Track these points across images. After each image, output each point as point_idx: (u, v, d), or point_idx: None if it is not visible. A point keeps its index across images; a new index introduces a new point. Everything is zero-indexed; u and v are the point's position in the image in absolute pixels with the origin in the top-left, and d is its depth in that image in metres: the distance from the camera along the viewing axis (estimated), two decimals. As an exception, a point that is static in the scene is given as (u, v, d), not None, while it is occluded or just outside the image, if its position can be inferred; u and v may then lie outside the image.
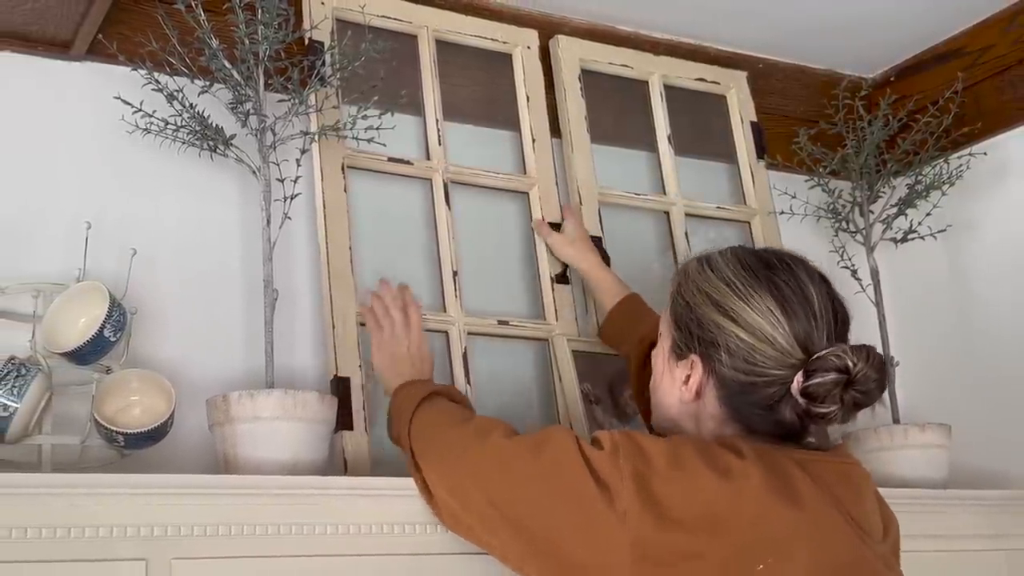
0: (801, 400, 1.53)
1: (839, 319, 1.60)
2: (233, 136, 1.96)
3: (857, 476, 1.64)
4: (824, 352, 1.53)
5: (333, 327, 2.03)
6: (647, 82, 2.60)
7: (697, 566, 1.45)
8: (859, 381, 1.52)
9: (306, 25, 2.14)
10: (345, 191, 2.14)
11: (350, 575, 1.67)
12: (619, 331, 2.16)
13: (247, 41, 1.92)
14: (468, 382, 2.14)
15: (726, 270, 1.64)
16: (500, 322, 2.25)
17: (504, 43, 2.44)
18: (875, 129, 2.51)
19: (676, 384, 1.67)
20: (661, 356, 1.71)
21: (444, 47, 2.37)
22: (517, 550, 1.60)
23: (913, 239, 2.52)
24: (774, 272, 1.61)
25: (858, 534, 1.53)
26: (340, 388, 1.99)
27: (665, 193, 2.55)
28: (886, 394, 2.31)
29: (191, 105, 1.94)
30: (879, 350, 1.58)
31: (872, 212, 2.52)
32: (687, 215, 2.55)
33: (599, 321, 2.26)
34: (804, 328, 1.56)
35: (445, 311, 2.19)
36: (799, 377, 1.53)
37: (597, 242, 2.36)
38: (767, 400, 1.57)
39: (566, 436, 1.59)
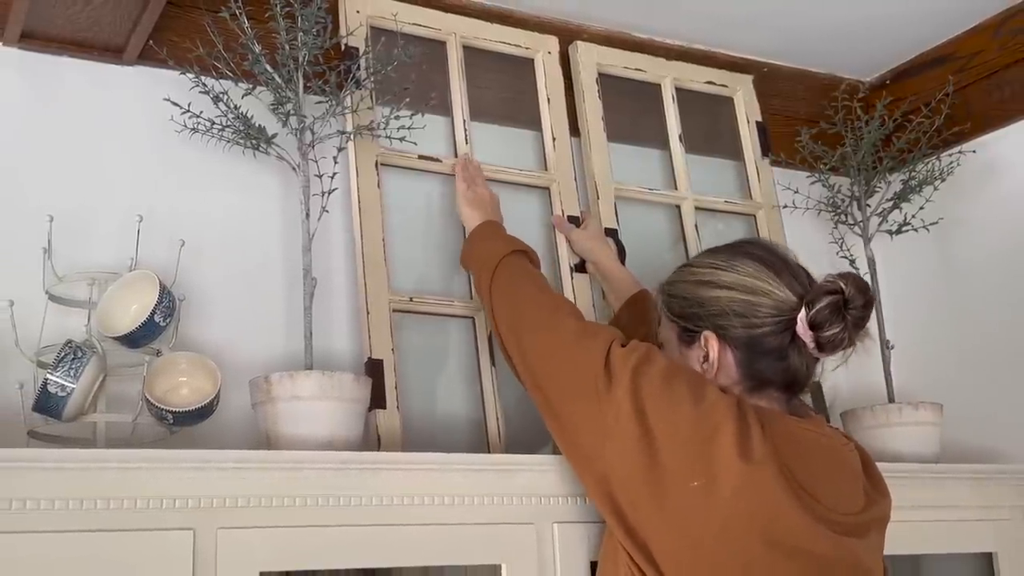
0: (810, 334, 1.57)
1: (808, 273, 1.67)
2: (275, 135, 1.94)
3: (828, 448, 1.63)
4: (815, 285, 1.61)
5: (367, 313, 2.01)
6: (660, 85, 2.57)
7: (648, 461, 1.52)
8: (851, 299, 1.57)
9: (342, 32, 2.13)
10: (379, 186, 2.12)
11: (383, 543, 1.64)
12: (631, 322, 2.13)
13: (288, 47, 1.91)
14: (493, 363, 2.12)
15: (703, 259, 1.73)
16: (523, 308, 2.22)
17: (527, 49, 2.41)
18: (872, 129, 2.48)
19: (695, 367, 1.67)
20: (672, 353, 1.72)
21: (471, 52, 2.34)
22: (541, 400, 1.71)
23: (907, 231, 2.49)
24: (744, 246, 1.71)
25: (798, 495, 1.52)
26: (374, 369, 1.97)
27: (676, 188, 2.52)
28: (882, 375, 2.33)
29: (235, 106, 1.92)
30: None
31: (869, 206, 2.50)
32: (697, 209, 2.52)
33: (614, 311, 2.22)
34: (789, 279, 1.62)
35: (472, 298, 2.16)
36: (802, 314, 1.58)
37: (613, 234, 2.33)
38: (779, 349, 1.61)
39: (609, 336, 1.67)
